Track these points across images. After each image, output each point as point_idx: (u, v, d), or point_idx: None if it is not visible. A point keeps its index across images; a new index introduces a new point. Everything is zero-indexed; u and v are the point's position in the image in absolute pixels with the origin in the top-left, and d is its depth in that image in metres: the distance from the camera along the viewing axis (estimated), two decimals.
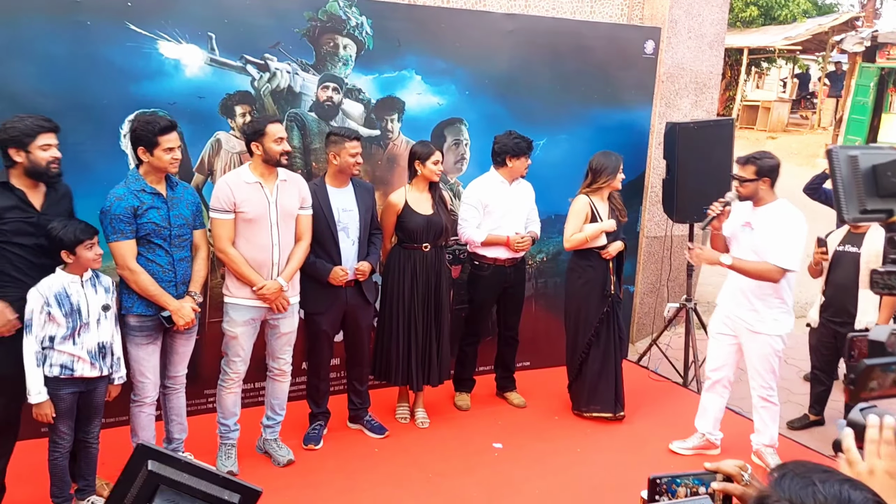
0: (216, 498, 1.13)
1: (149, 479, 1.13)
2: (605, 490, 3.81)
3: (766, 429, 4.05)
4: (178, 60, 3.98)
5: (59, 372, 3.16)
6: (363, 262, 4.06)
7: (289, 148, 3.69)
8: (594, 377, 4.56)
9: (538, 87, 4.98)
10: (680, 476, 1.45)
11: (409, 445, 4.22)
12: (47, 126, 3.16)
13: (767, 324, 3.87)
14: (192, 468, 1.15)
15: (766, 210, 3.81)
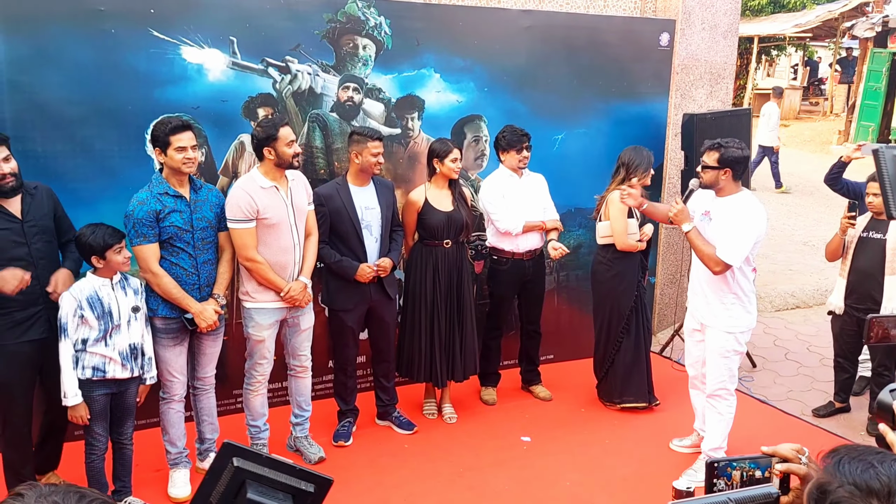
0: (295, 488, 1.21)
1: (235, 475, 1.19)
2: (636, 481, 3.83)
3: (711, 435, 3.87)
4: (201, 65, 4.03)
5: (92, 374, 3.22)
6: (384, 258, 4.10)
7: (299, 150, 3.72)
8: (627, 368, 4.58)
9: (555, 82, 5.00)
10: (736, 459, 1.47)
11: (439, 441, 4.25)
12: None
13: (720, 318, 3.74)
14: (272, 462, 1.22)
15: (727, 201, 3.64)
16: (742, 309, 3.73)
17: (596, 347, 4.73)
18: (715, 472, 1.46)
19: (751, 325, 3.80)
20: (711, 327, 3.79)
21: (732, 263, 3.57)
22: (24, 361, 3.23)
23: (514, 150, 4.44)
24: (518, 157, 4.45)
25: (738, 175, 3.63)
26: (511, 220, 4.48)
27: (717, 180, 3.63)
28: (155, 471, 3.72)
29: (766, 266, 7.93)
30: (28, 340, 3.21)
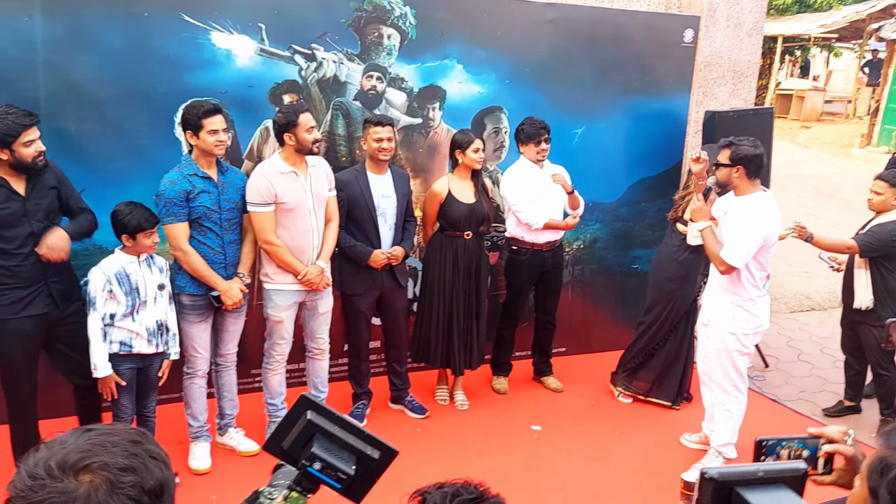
0: (361, 452, 1.27)
1: (307, 427, 1.27)
2: (645, 472, 3.89)
3: (719, 432, 3.91)
4: (230, 50, 4.11)
5: (119, 348, 3.32)
6: (397, 246, 4.17)
7: (319, 136, 3.79)
8: (666, 366, 4.60)
9: (577, 76, 5.03)
10: (785, 439, 1.51)
11: (450, 426, 4.33)
12: (28, 122, 3.12)
13: (722, 317, 3.75)
14: (344, 423, 1.28)
15: (740, 201, 3.63)
16: (744, 311, 3.71)
17: (637, 337, 4.72)
18: (763, 450, 1.50)
19: (757, 327, 3.77)
20: (714, 325, 3.82)
21: (733, 265, 3.57)
22: (27, 337, 3.28)
23: (532, 143, 4.48)
24: (537, 149, 4.49)
25: (751, 173, 3.60)
26: (533, 214, 4.52)
27: (730, 178, 3.62)
28: (177, 443, 3.82)
29: (782, 267, 7.92)
30: (29, 316, 3.26)
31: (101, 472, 0.97)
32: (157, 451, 1.06)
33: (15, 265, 3.20)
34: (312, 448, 1.26)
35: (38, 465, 0.97)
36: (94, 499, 0.95)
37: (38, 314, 3.27)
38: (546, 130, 4.48)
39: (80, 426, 1.08)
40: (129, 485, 0.97)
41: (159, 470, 1.03)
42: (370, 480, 1.29)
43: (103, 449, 1.00)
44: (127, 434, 1.05)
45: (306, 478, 1.26)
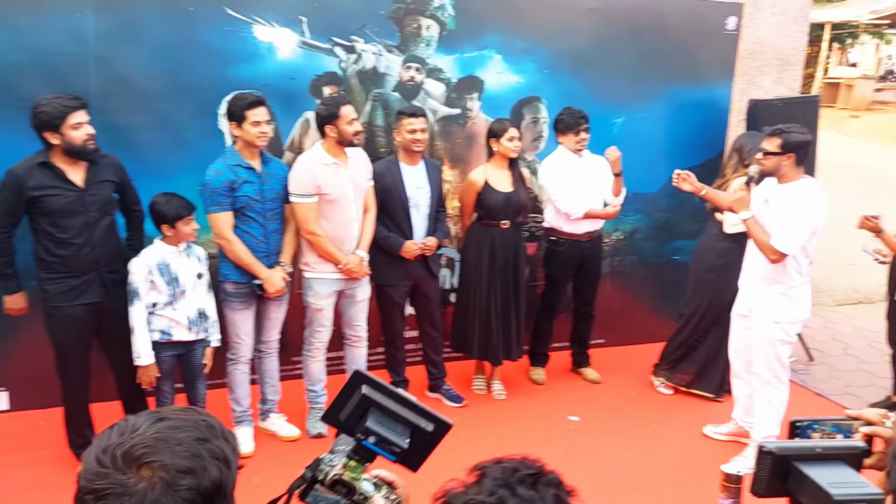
0: (415, 425, 1.30)
1: (361, 401, 1.31)
2: (685, 464, 3.86)
3: (760, 425, 3.81)
4: (272, 43, 4.18)
5: (159, 336, 3.43)
6: (430, 237, 4.20)
7: (360, 128, 3.84)
8: (709, 358, 4.54)
9: (617, 65, 4.99)
10: (819, 421, 1.50)
11: (487, 415, 4.36)
12: (74, 105, 3.17)
13: (766, 307, 3.68)
14: (398, 397, 1.32)
15: (787, 188, 3.55)
16: (789, 299, 3.65)
17: (679, 328, 4.67)
18: (797, 431, 1.50)
19: (801, 316, 3.71)
20: (758, 315, 3.75)
21: (787, 252, 3.51)
22: (79, 324, 3.40)
23: (571, 133, 4.46)
24: (576, 139, 4.47)
25: (801, 160, 3.54)
26: (573, 203, 4.51)
27: (780, 167, 3.54)
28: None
29: (828, 260, 7.74)
30: (82, 304, 3.37)
31: (160, 471, 1.00)
32: (222, 447, 1.07)
33: (69, 254, 3.31)
34: (367, 422, 1.29)
35: (107, 453, 1.01)
36: (150, 496, 0.98)
37: (91, 302, 3.39)
38: (585, 120, 4.45)
39: (152, 410, 1.10)
40: (185, 487, 1.00)
41: (218, 471, 1.04)
42: (426, 452, 1.33)
43: (167, 446, 1.02)
44: (195, 430, 1.06)
45: (365, 450, 1.30)
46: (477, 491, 0.92)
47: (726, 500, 3.29)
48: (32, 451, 3.74)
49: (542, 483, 0.92)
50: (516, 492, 0.90)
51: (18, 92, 3.77)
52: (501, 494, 0.90)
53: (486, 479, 0.93)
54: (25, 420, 4.06)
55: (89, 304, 3.38)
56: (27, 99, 3.71)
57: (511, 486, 0.91)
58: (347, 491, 1.29)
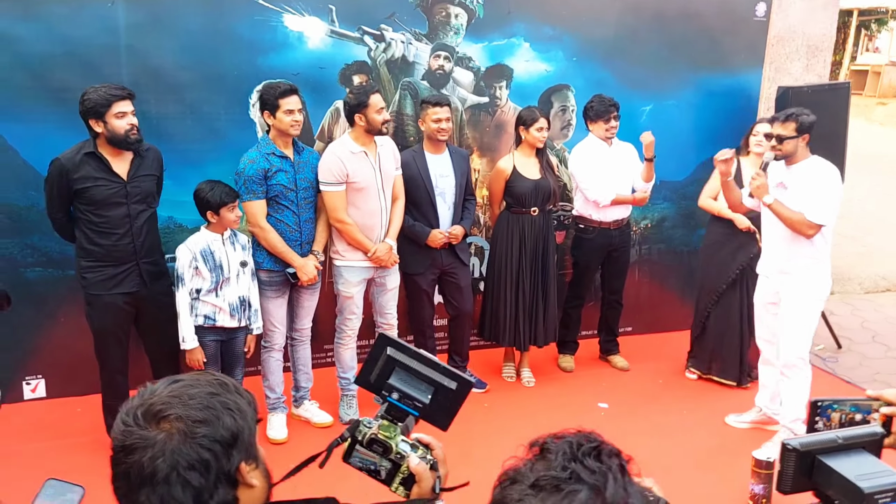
0: (438, 383, 1.36)
1: (387, 362, 1.38)
2: (716, 450, 3.85)
3: (790, 407, 3.79)
4: (301, 32, 4.20)
5: (203, 321, 3.47)
6: (456, 226, 4.21)
7: (388, 117, 3.85)
8: (716, 341, 4.55)
9: (645, 53, 4.95)
10: (839, 401, 1.52)
11: (517, 402, 4.37)
12: (119, 94, 3.22)
13: (798, 284, 3.72)
14: (421, 357, 1.38)
15: (800, 167, 3.66)
16: (820, 273, 3.73)
17: (695, 312, 4.73)
18: (817, 411, 1.51)
19: (828, 290, 3.80)
20: (791, 296, 3.75)
21: (825, 223, 3.61)
22: (117, 312, 3.45)
23: (601, 120, 4.44)
24: (606, 126, 4.45)
25: (810, 140, 3.69)
26: (601, 191, 4.50)
27: (797, 149, 3.65)
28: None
29: (854, 248, 7.67)
30: (121, 293, 3.42)
31: (176, 422, 1.08)
32: (236, 400, 1.15)
33: (110, 244, 3.36)
34: (390, 380, 1.37)
35: (129, 414, 1.11)
36: (170, 445, 1.07)
37: (129, 292, 3.44)
38: (615, 108, 4.43)
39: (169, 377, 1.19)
40: (202, 435, 1.09)
41: (232, 420, 1.12)
42: (452, 410, 1.37)
43: (180, 401, 1.11)
44: (207, 386, 1.15)
45: (393, 408, 1.36)
46: (545, 467, 0.92)
47: (757, 486, 3.30)
48: (70, 438, 3.81)
49: (605, 454, 0.93)
50: (586, 464, 0.91)
51: (52, 83, 3.83)
52: (574, 468, 0.91)
53: (551, 454, 0.94)
54: (62, 407, 4.14)
55: (127, 293, 3.43)
56: (60, 90, 3.79)
57: (579, 459, 0.92)
58: (384, 450, 1.35)
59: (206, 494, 1.09)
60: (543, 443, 0.97)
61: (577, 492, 0.89)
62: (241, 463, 1.13)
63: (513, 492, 0.94)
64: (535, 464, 0.95)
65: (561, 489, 0.89)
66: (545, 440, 0.97)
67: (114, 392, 3.58)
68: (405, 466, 1.35)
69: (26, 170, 3.89)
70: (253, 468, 1.16)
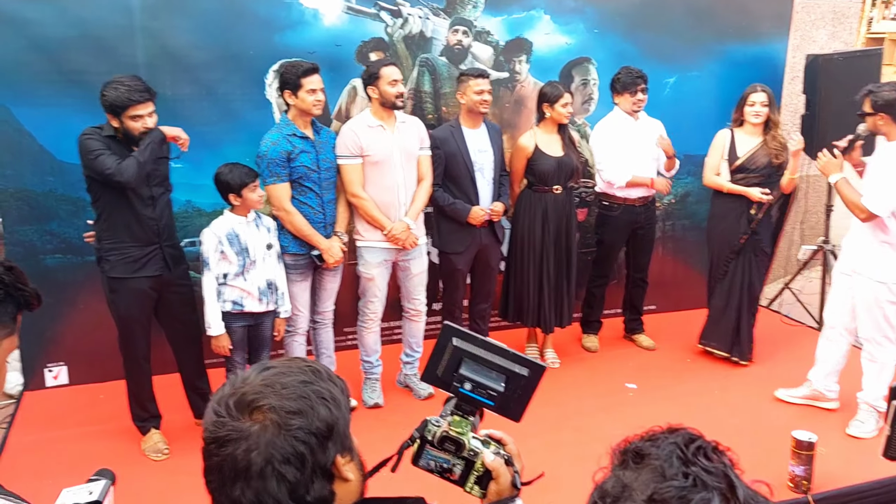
0: (509, 370, 1.30)
1: (454, 353, 1.32)
2: (750, 430, 3.77)
3: (870, 386, 3.73)
4: (317, 10, 4.10)
5: (231, 307, 3.42)
6: (497, 202, 4.13)
7: (403, 90, 3.74)
8: (717, 313, 4.50)
9: (668, 23, 4.83)
10: None
11: (543, 384, 4.21)
12: (137, 99, 3.15)
13: (871, 266, 3.62)
14: (489, 345, 1.32)
15: (890, 147, 3.57)
16: (892, 258, 3.59)
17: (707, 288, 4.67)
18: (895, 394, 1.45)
19: None
20: (861, 275, 3.67)
21: (876, 213, 3.49)
22: (142, 296, 3.40)
23: (628, 93, 4.33)
24: (633, 99, 4.33)
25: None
26: (616, 172, 4.40)
27: (876, 125, 3.58)
28: None
29: None
30: (144, 276, 3.38)
31: (270, 413, 1.03)
32: (329, 388, 1.09)
33: (135, 226, 3.31)
34: (461, 370, 1.31)
35: (221, 403, 1.06)
36: (265, 437, 1.02)
37: (153, 275, 3.39)
38: (643, 80, 4.32)
39: (259, 363, 1.13)
40: (297, 427, 1.03)
41: (327, 410, 1.06)
42: (524, 398, 1.32)
43: (273, 390, 1.05)
44: (301, 374, 1.09)
45: (464, 401, 1.30)
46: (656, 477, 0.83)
47: (797, 467, 3.23)
48: (94, 425, 3.79)
49: (711, 450, 0.85)
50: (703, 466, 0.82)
51: (67, 66, 3.77)
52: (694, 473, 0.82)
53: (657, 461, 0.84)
54: (85, 394, 4.12)
55: (151, 276, 3.39)
56: (76, 73, 3.73)
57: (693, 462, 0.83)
58: (457, 447, 1.30)
59: (301, 489, 1.04)
60: (637, 447, 0.87)
61: (707, 501, 0.80)
62: (337, 456, 1.07)
63: None
64: (639, 474, 0.84)
65: (688, 500, 0.80)
66: (637, 444, 0.87)
67: (138, 378, 3.55)
68: (479, 464, 1.29)
69: (43, 155, 3.84)
70: (348, 461, 1.10)
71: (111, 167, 3.11)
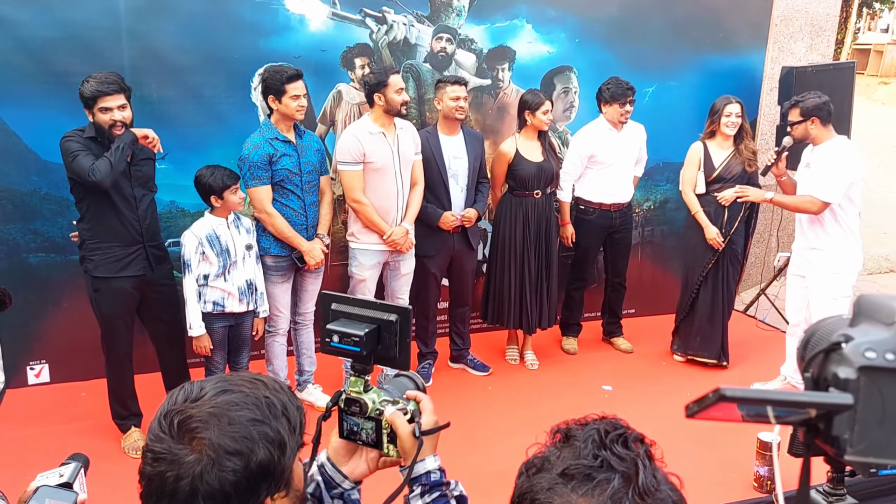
0: (378, 318, 1.32)
1: (333, 317, 1.35)
2: (719, 432, 3.85)
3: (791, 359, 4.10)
4: (303, 15, 4.16)
5: (212, 308, 3.47)
6: (469, 208, 4.20)
7: (408, 98, 3.83)
8: (702, 321, 4.57)
9: (648, 33, 4.92)
10: None
11: (521, 385, 4.39)
12: (105, 90, 3.15)
13: (823, 261, 3.91)
14: (361, 301, 1.36)
15: (822, 148, 3.89)
16: (848, 249, 3.88)
17: (680, 295, 4.74)
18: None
19: (857, 267, 3.95)
20: (816, 270, 3.93)
21: (830, 200, 3.78)
22: (125, 296, 3.44)
23: (617, 103, 4.42)
24: (621, 110, 4.43)
25: (824, 121, 3.85)
26: (566, 184, 4.55)
27: (808, 132, 3.88)
28: None
29: None
30: (128, 276, 3.41)
31: (208, 448, 1.01)
32: (279, 429, 1.06)
33: (118, 226, 3.35)
34: (328, 325, 1.32)
35: (168, 417, 1.04)
36: (196, 469, 1.00)
37: (136, 275, 3.42)
38: (632, 92, 4.41)
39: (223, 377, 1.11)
40: (230, 468, 1.01)
41: (268, 454, 1.04)
42: (403, 343, 1.32)
43: (219, 424, 1.03)
44: (255, 409, 1.05)
45: (351, 359, 1.31)
46: (573, 455, 0.91)
47: (762, 468, 3.32)
48: (75, 423, 3.82)
49: (632, 440, 0.92)
50: (615, 451, 0.90)
51: (53, 67, 3.81)
52: (604, 456, 0.90)
53: (578, 441, 0.92)
54: (66, 392, 4.15)
55: (134, 276, 3.42)
56: (61, 74, 3.76)
57: (608, 446, 0.90)
58: (360, 408, 1.31)
59: None
60: (568, 429, 0.95)
61: (608, 480, 0.87)
62: (267, 498, 1.05)
63: (541, 480, 0.91)
64: (561, 451, 0.93)
65: (593, 478, 0.88)
66: (569, 426, 0.95)
67: (120, 377, 3.59)
68: (385, 422, 1.30)
69: (28, 155, 3.88)
70: (282, 496, 1.08)
71: (86, 168, 3.14)
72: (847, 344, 0.79)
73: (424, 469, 1.31)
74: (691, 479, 3.38)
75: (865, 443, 0.78)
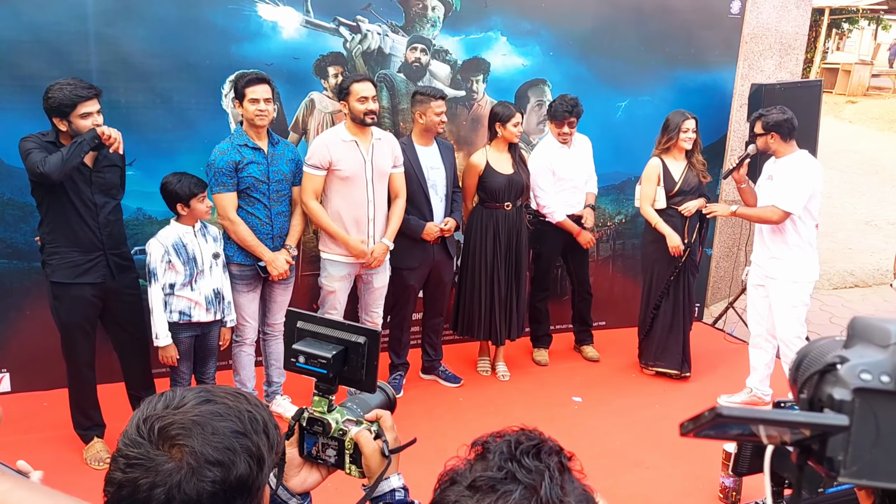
0: (346, 340, 1.30)
1: (299, 335, 1.33)
2: (686, 444, 3.87)
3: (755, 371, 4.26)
4: (276, 22, 4.14)
5: (179, 318, 3.41)
6: (449, 218, 4.20)
7: (374, 107, 3.75)
8: (664, 333, 4.62)
9: (621, 48, 4.97)
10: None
11: (492, 396, 4.38)
12: (85, 95, 3.11)
13: (783, 270, 4.02)
14: (328, 321, 1.34)
15: (784, 161, 4.01)
16: (806, 259, 4.01)
17: (640, 309, 4.77)
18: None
19: (815, 277, 4.07)
20: (776, 279, 4.03)
21: (792, 210, 3.90)
22: (85, 303, 3.36)
23: (555, 123, 4.46)
24: (558, 131, 4.47)
25: (785, 136, 3.96)
26: (557, 206, 4.55)
27: (767, 145, 4.02)
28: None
29: (826, 244, 7.79)
30: (87, 283, 3.33)
31: (189, 457, 0.99)
32: (259, 444, 1.04)
33: (77, 231, 3.27)
34: (294, 345, 1.30)
35: (147, 423, 1.02)
36: (174, 478, 0.98)
37: (95, 282, 3.35)
38: (572, 114, 4.41)
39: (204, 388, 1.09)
40: (210, 479, 0.99)
41: (248, 468, 1.02)
42: (369, 366, 1.31)
43: (202, 432, 1.01)
44: (238, 421, 1.04)
45: (316, 379, 1.30)
46: (483, 467, 0.91)
47: (728, 479, 3.34)
48: (36, 433, 3.73)
49: (545, 452, 0.92)
50: (522, 464, 0.89)
51: (18, 70, 3.73)
52: (510, 468, 0.89)
53: (491, 454, 0.92)
54: (28, 401, 4.04)
55: (94, 283, 3.35)
56: (27, 77, 3.69)
57: (517, 458, 0.90)
58: (323, 428, 1.29)
59: None
60: (484, 442, 0.95)
61: (511, 492, 0.87)
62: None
63: (451, 493, 0.91)
64: (474, 464, 0.93)
65: (496, 489, 0.87)
66: (486, 439, 0.95)
67: (81, 386, 3.51)
68: (349, 441, 1.29)
69: None
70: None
71: (37, 161, 3.07)
72: (842, 365, 0.80)
73: (389, 487, 1.31)
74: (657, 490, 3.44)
75: (859, 464, 0.78)
